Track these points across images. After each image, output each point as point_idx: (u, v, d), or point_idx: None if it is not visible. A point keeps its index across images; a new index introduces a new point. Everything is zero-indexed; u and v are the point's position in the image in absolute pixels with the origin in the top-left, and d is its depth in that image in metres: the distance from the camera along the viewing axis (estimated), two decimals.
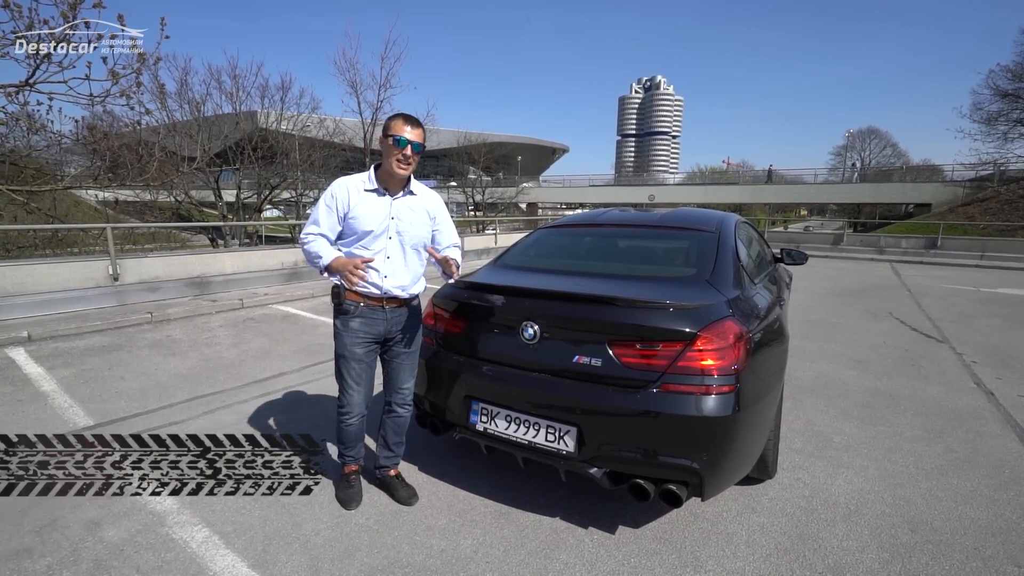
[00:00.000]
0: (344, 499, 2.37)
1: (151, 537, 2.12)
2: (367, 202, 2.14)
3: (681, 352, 1.91)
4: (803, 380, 4.14)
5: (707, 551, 2.06)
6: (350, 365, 2.23)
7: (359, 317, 2.19)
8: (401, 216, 2.19)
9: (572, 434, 2.01)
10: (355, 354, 2.21)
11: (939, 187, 29.96)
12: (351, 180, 2.17)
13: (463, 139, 37.69)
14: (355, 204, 2.13)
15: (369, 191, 2.16)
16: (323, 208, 2.14)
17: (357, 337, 2.20)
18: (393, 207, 2.17)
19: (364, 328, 2.20)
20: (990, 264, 13.26)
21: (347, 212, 2.13)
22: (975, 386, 4.04)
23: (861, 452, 2.91)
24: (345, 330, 2.20)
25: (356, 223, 2.13)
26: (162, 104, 13.49)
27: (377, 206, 2.15)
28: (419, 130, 2.10)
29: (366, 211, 2.13)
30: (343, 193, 2.13)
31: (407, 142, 2.06)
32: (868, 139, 49.63)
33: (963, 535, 2.16)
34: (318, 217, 2.14)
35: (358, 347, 2.22)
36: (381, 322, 2.22)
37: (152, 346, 4.95)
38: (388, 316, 2.23)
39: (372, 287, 2.16)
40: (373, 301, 2.20)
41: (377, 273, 2.16)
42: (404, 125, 2.06)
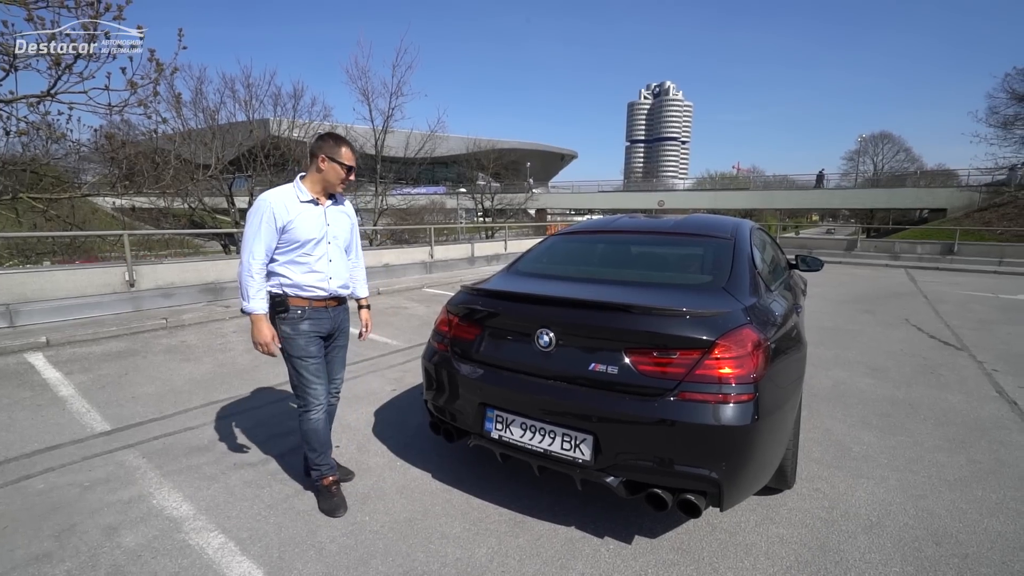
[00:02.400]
0: (330, 508, 2.37)
1: (168, 543, 2.14)
2: (305, 213, 2.26)
3: (699, 360, 1.89)
4: (820, 388, 4.08)
5: (726, 563, 2.03)
6: (308, 363, 2.32)
7: (308, 319, 2.30)
8: (334, 222, 2.37)
9: (588, 442, 2.00)
10: (311, 352, 2.32)
11: (954, 192, 29.53)
12: (282, 195, 2.24)
13: (472, 145, 37.90)
14: (294, 216, 2.23)
15: (305, 202, 2.27)
16: (263, 227, 2.19)
17: (310, 337, 2.31)
18: (327, 214, 2.34)
19: (314, 328, 2.32)
20: (1009, 270, 13.01)
21: (285, 225, 2.22)
22: (997, 395, 3.95)
23: (881, 462, 2.86)
24: (297, 334, 2.29)
25: (297, 233, 2.23)
26: (178, 113, 13.74)
27: (314, 215, 2.29)
28: (354, 154, 2.35)
29: (305, 221, 2.25)
30: (280, 208, 2.21)
31: (352, 168, 2.31)
32: (881, 144, 49.12)
33: (990, 549, 2.10)
34: (258, 237, 2.19)
35: (312, 346, 2.32)
36: (327, 321, 2.36)
37: (167, 352, 5.01)
38: (332, 315, 2.39)
39: (319, 289, 2.30)
40: (318, 303, 2.32)
41: (321, 276, 2.30)
42: (349, 152, 2.28)
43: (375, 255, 10.32)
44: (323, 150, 2.25)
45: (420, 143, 21.33)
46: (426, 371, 2.59)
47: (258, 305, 2.20)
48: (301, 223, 2.24)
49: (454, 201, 37.14)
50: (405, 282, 9.67)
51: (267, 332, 2.23)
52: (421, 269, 10.97)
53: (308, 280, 2.28)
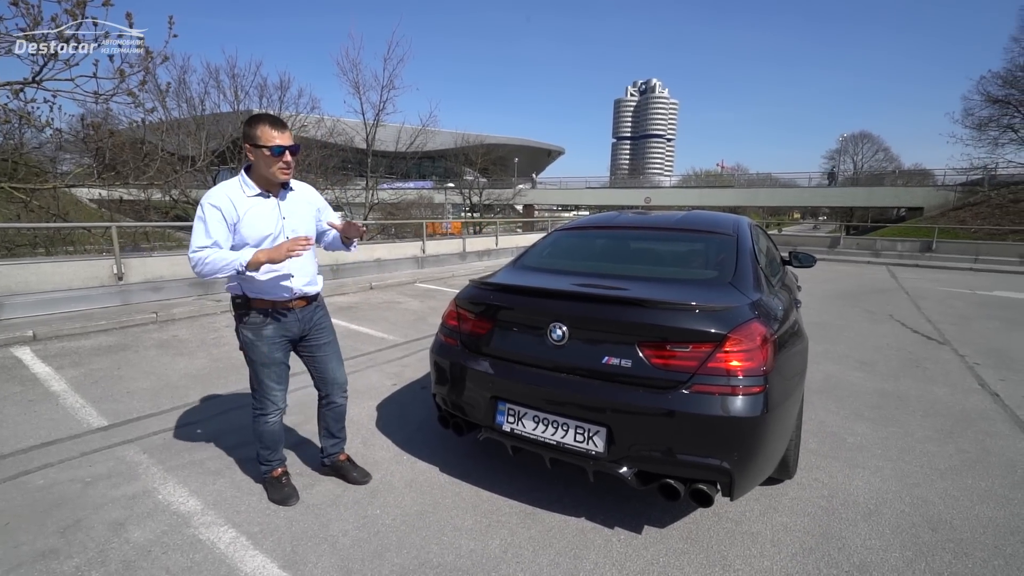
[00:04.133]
0: (282, 499, 2.35)
1: (178, 538, 2.12)
2: (255, 207, 2.07)
3: (711, 353, 1.93)
4: (812, 381, 4.18)
5: (734, 551, 2.08)
6: (271, 370, 2.22)
7: (272, 323, 2.16)
8: (290, 214, 2.16)
9: (602, 434, 2.03)
10: (275, 359, 2.20)
11: (931, 191, 30.34)
12: (227, 190, 2.05)
13: (460, 140, 37.68)
14: (243, 212, 2.03)
15: (253, 196, 2.07)
16: (214, 223, 1.99)
17: (274, 343, 2.18)
18: (281, 207, 2.14)
19: (279, 332, 2.19)
20: (984, 267, 13.45)
21: (236, 222, 2.03)
22: (980, 387, 4.10)
23: (875, 452, 2.95)
24: (259, 339, 2.16)
25: (251, 230, 2.04)
26: (162, 103, 13.40)
27: (266, 209, 2.09)
28: (287, 131, 2.04)
29: (257, 216, 2.06)
30: (226, 203, 2.01)
31: (283, 149, 1.99)
32: (861, 143, 50.20)
33: (983, 534, 2.20)
34: (209, 231, 1.98)
35: (277, 352, 2.20)
36: (294, 323, 2.22)
37: (159, 346, 4.92)
38: (299, 316, 2.23)
39: (283, 291, 2.14)
40: (282, 304, 2.17)
41: (282, 275, 2.13)
42: (273, 132, 1.98)
43: (367, 250, 10.23)
44: (245, 138, 2.02)
45: (411, 137, 21.14)
46: (435, 365, 2.60)
47: (243, 254, 1.97)
48: (252, 219, 2.04)
49: (442, 196, 36.94)
50: (397, 277, 9.61)
51: (276, 248, 1.99)
52: (413, 264, 10.91)
53: (271, 281, 2.10)
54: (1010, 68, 24.98)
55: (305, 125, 20.00)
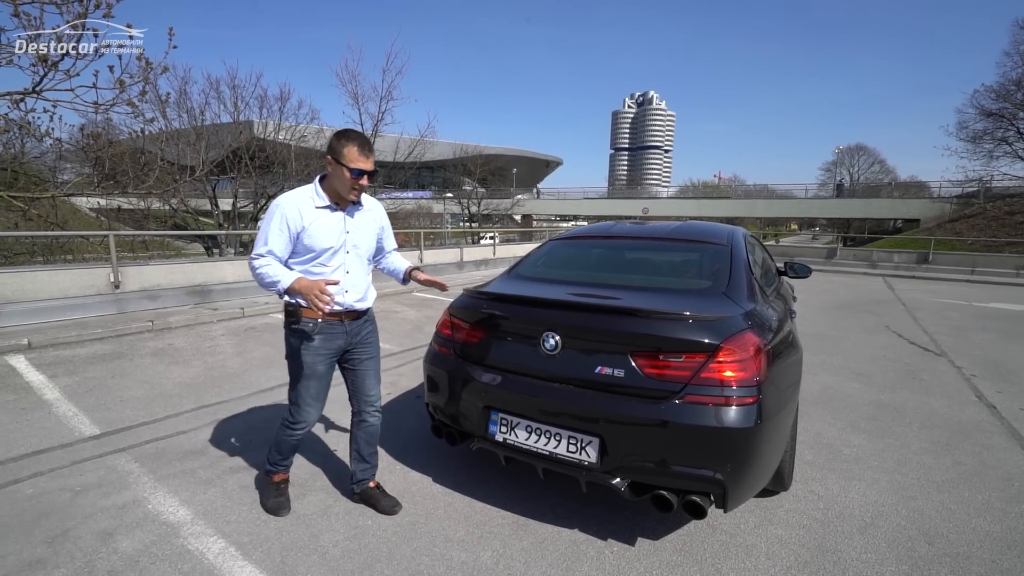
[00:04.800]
0: (274, 507, 2.32)
1: (166, 548, 2.09)
2: (321, 219, 2.08)
3: (704, 363, 1.93)
4: (809, 393, 4.17)
5: (728, 563, 2.06)
6: (310, 384, 2.18)
7: (319, 334, 2.14)
8: (354, 229, 2.18)
9: (595, 444, 2.02)
10: (317, 372, 2.17)
11: (927, 203, 30.55)
12: (298, 198, 2.07)
13: (459, 151, 37.93)
14: (309, 222, 2.05)
15: (321, 208, 2.09)
16: (274, 229, 2.03)
17: (319, 355, 2.16)
18: (347, 222, 2.15)
19: (325, 345, 2.16)
20: (980, 279, 13.49)
21: (300, 231, 2.05)
22: (977, 400, 4.10)
23: (872, 465, 2.94)
24: (305, 349, 2.13)
25: (313, 241, 2.06)
26: (162, 113, 13.49)
27: (332, 222, 2.10)
28: (372, 156, 2.06)
29: (322, 228, 2.08)
30: (294, 212, 2.04)
31: (362, 173, 2.02)
32: (857, 155, 50.65)
33: (980, 548, 2.18)
34: (268, 238, 2.03)
35: (320, 364, 2.17)
36: (341, 336, 2.19)
37: (154, 354, 4.90)
38: (347, 329, 2.21)
39: (334, 303, 2.09)
40: (332, 316, 2.15)
41: (337, 288, 2.10)
42: (360, 155, 2.00)
43: None
44: (330, 150, 2.04)
45: (410, 147, 21.28)
46: (428, 374, 2.59)
47: (287, 277, 1.99)
48: (317, 231, 2.06)
49: (440, 206, 37.09)
50: (395, 286, 9.60)
51: (311, 283, 1.95)
52: None
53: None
54: (1003, 82, 25.33)
55: (305, 136, 20.15)
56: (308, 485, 2.61)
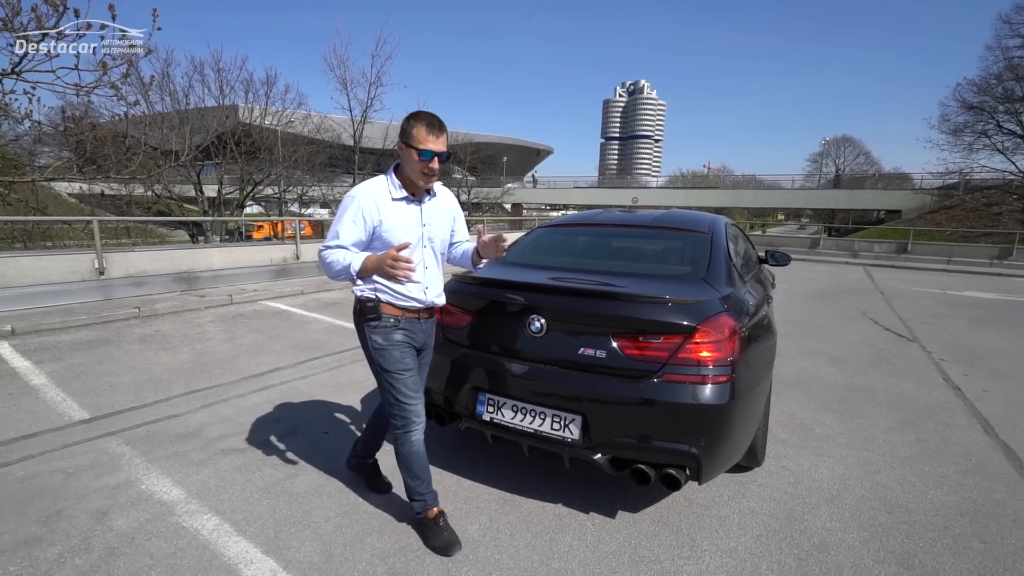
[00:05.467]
0: (444, 545, 2.03)
1: (161, 526, 2.15)
2: (398, 211, 1.95)
3: (681, 344, 2.02)
4: (786, 376, 4.32)
5: (702, 533, 2.18)
6: (404, 378, 2.01)
7: (401, 329, 2.00)
8: (431, 222, 2.04)
9: (577, 422, 2.11)
10: (407, 365, 2.01)
11: (909, 195, 31.12)
12: (375, 188, 1.94)
13: (450, 138, 37.57)
14: (387, 215, 1.92)
15: (398, 199, 1.95)
16: (347, 222, 1.91)
17: (405, 349, 2.01)
18: (424, 214, 2.02)
19: (408, 339, 2.02)
20: (956, 268, 13.88)
21: (377, 225, 1.92)
22: (944, 382, 4.28)
23: (841, 442, 3.08)
24: (391, 345, 1.98)
25: (391, 235, 1.92)
26: (145, 96, 13.19)
27: (408, 214, 1.97)
28: (443, 136, 1.90)
29: (399, 221, 1.94)
30: (370, 204, 1.90)
31: (433, 155, 1.87)
32: (843, 147, 51.21)
33: (934, 516, 2.33)
34: (340, 231, 1.92)
35: (408, 357, 2.03)
36: (419, 333, 2.08)
37: (142, 340, 4.90)
38: (423, 327, 2.09)
39: (414, 301, 2.00)
40: (411, 314, 2.02)
41: (418, 285, 2.00)
42: (428, 135, 1.85)
43: None
44: (400, 134, 1.89)
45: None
46: None
47: (357, 260, 1.87)
48: (395, 224, 1.92)
49: None
50: None
51: (381, 256, 1.84)
52: None
53: (403, 289, 1.97)
54: (984, 76, 25.74)
55: (292, 121, 19.85)
56: (301, 465, 2.68)
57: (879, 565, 2.00)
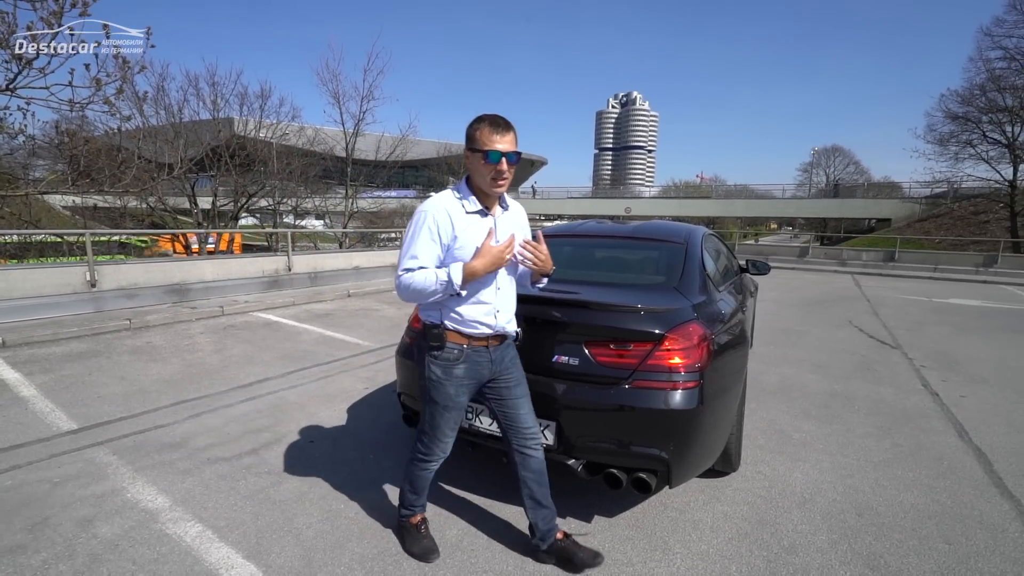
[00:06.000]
0: (422, 551, 2.06)
1: (145, 533, 2.19)
2: (472, 227, 1.79)
3: (650, 351, 2.10)
4: (768, 383, 4.39)
5: (675, 536, 2.24)
6: (450, 416, 1.92)
7: (464, 362, 1.86)
8: (504, 238, 1.85)
9: (552, 428, 2.17)
10: (459, 404, 1.91)
11: (898, 203, 31.55)
12: (447, 202, 1.80)
13: (443, 150, 37.87)
14: (461, 231, 1.77)
15: (472, 213, 1.80)
16: (423, 239, 1.76)
17: (462, 385, 1.89)
18: (498, 229, 1.86)
19: (469, 374, 1.88)
20: (943, 276, 14.07)
21: (451, 242, 1.76)
22: (923, 388, 4.37)
23: (817, 448, 3.15)
24: (448, 379, 1.86)
25: (465, 253, 1.77)
26: (140, 110, 13.30)
27: (482, 230, 1.81)
28: (510, 135, 1.75)
29: (474, 238, 1.78)
30: (444, 219, 1.75)
31: (500, 155, 1.72)
32: (833, 156, 51.89)
33: (903, 518, 2.40)
34: (416, 249, 1.76)
35: (463, 396, 1.91)
36: (486, 364, 1.90)
37: (132, 352, 4.93)
38: (492, 357, 1.91)
39: (483, 327, 1.85)
40: (479, 342, 1.87)
41: (488, 308, 1.85)
42: (492, 135, 1.72)
43: (345, 258, 10.28)
44: (466, 142, 1.78)
45: (391, 146, 21.27)
46: (399, 366, 2.72)
47: (456, 271, 1.73)
48: (469, 241, 1.77)
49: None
50: (376, 285, 9.68)
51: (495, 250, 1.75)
52: (392, 272, 10.97)
53: (471, 313, 1.83)
54: (968, 87, 26.25)
55: (287, 134, 20.01)
56: (285, 473, 2.72)
57: (845, 566, 2.06)
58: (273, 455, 2.92)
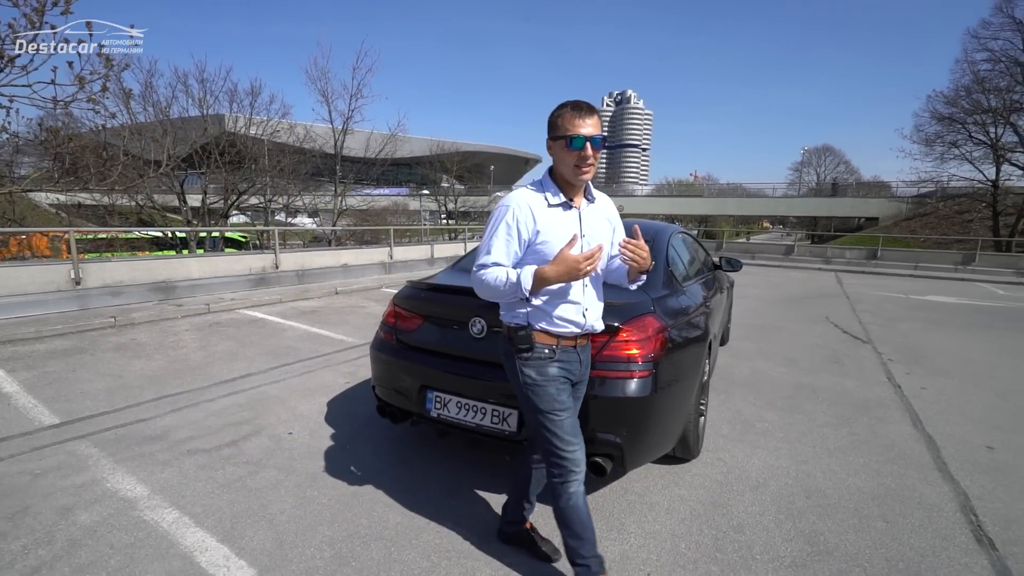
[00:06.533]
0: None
1: (123, 520, 2.28)
2: (555, 220, 1.70)
3: (607, 342, 2.22)
4: (738, 376, 4.54)
5: (631, 518, 2.36)
6: (562, 419, 1.75)
7: (557, 361, 1.76)
8: (591, 232, 1.78)
9: (514, 416, 2.29)
10: (564, 403, 1.76)
11: (886, 202, 32.00)
12: (529, 195, 1.72)
13: (436, 148, 37.95)
14: (543, 225, 1.68)
15: (555, 206, 1.72)
16: (501, 235, 1.68)
17: (562, 385, 1.77)
18: (583, 222, 1.76)
19: (563, 373, 1.78)
20: (923, 274, 14.36)
21: (533, 237, 1.68)
22: (887, 380, 4.53)
23: (777, 436, 3.29)
24: (545, 379, 1.74)
25: (549, 248, 1.67)
26: (126, 107, 13.25)
27: (567, 223, 1.72)
28: (594, 118, 1.65)
29: (557, 232, 1.69)
30: (525, 213, 1.67)
31: (584, 140, 1.63)
32: (823, 156, 52.39)
33: (848, 499, 2.53)
34: (493, 246, 1.69)
35: (564, 395, 1.78)
36: (575, 364, 1.81)
37: (116, 349, 4.99)
38: (580, 357, 1.83)
39: (572, 326, 1.76)
40: (567, 341, 1.78)
41: (576, 307, 1.76)
42: (575, 119, 1.63)
43: (333, 255, 10.34)
44: (548, 131, 1.70)
45: (381, 144, 21.30)
46: (374, 359, 2.83)
47: (526, 275, 1.62)
48: (554, 235, 1.68)
49: (417, 203, 37.03)
50: (364, 282, 9.75)
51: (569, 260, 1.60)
52: (380, 270, 11.05)
53: (559, 312, 1.73)
54: (954, 88, 26.65)
55: (277, 131, 19.98)
56: (263, 463, 2.81)
57: (787, 543, 2.19)
58: (251, 446, 3.01)
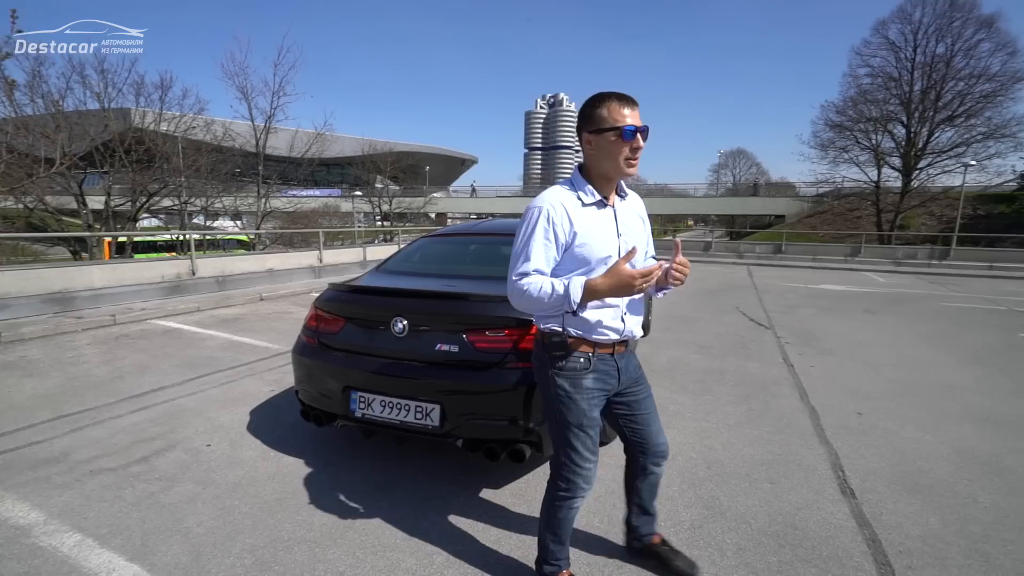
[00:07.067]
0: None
1: (15, 548, 2.12)
2: (592, 219, 1.60)
3: (522, 336, 2.36)
4: (657, 364, 4.89)
5: None
6: (586, 435, 1.69)
7: (593, 372, 1.67)
8: (627, 230, 1.67)
9: (436, 411, 2.37)
10: (593, 420, 1.70)
11: (791, 201, 35.20)
12: (562, 194, 1.60)
13: (368, 147, 36.92)
14: (580, 226, 1.57)
15: (590, 204, 1.61)
16: (538, 240, 1.55)
17: (593, 398, 1.69)
18: (619, 220, 1.65)
19: (598, 385, 1.69)
20: (819, 265, 16.03)
21: (571, 240, 1.56)
22: (782, 361, 5.06)
23: (687, 416, 3.61)
24: (578, 392, 1.65)
25: (588, 250, 1.57)
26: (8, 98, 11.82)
27: (603, 223, 1.62)
28: (638, 108, 1.55)
29: (595, 232, 1.58)
30: (561, 214, 1.55)
31: (635, 130, 1.51)
32: (737, 158, 56.70)
33: (741, 467, 2.85)
34: (532, 252, 1.55)
35: (595, 410, 1.71)
36: (613, 373, 1.72)
37: (3, 368, 4.50)
38: (620, 364, 1.73)
39: (611, 332, 1.65)
40: (605, 349, 1.68)
41: (614, 312, 1.65)
42: (623, 108, 1.51)
43: (258, 260, 9.84)
44: (582, 125, 1.58)
45: (307, 143, 20.45)
46: (296, 363, 2.80)
47: (575, 287, 1.49)
48: (591, 236, 1.57)
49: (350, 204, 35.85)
50: (291, 287, 9.37)
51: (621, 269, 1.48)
52: (309, 274, 10.66)
53: (597, 318, 1.62)
54: (843, 99, 29.78)
55: (193, 128, 18.63)
56: (177, 478, 2.70)
57: (688, 508, 2.45)
58: (164, 461, 2.88)
